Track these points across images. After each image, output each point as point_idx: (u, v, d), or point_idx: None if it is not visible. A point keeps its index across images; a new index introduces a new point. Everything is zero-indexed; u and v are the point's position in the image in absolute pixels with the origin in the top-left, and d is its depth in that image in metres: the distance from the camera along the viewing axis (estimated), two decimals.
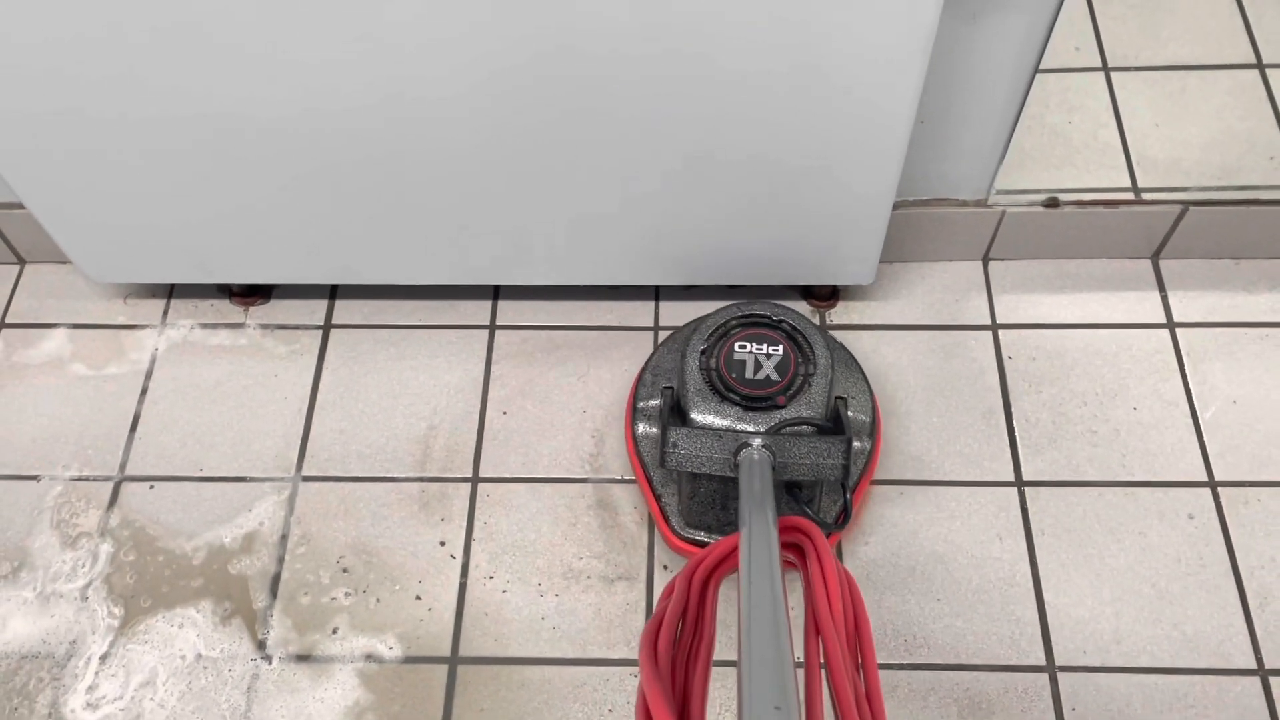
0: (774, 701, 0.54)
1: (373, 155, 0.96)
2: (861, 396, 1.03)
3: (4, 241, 1.21)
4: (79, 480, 1.09)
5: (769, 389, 0.92)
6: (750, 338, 0.95)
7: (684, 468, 0.88)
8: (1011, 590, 1.01)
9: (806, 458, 0.86)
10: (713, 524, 0.98)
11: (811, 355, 0.94)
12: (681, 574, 0.72)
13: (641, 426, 1.03)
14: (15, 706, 0.97)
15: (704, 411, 0.91)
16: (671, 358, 1.05)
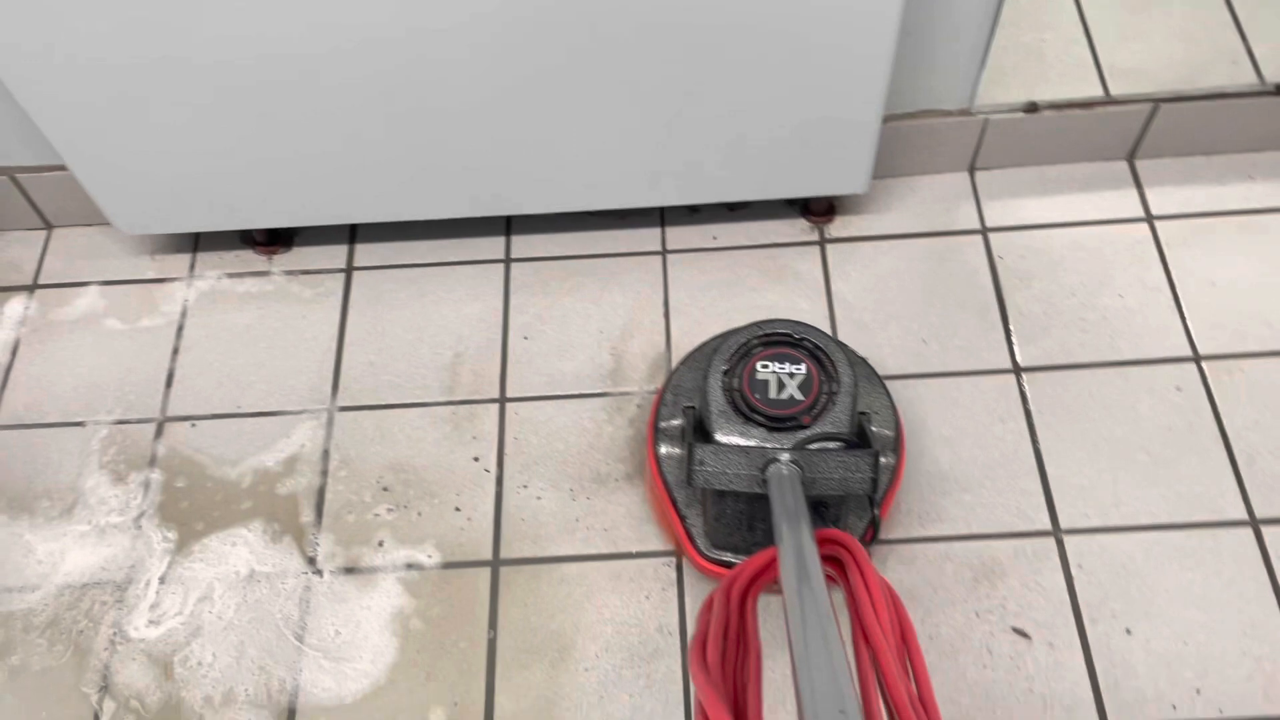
0: (838, 706, 0.54)
1: (390, 92, 1.02)
2: (885, 411, 1.02)
3: (32, 207, 1.26)
4: (122, 423, 1.14)
5: (793, 408, 0.91)
6: (772, 357, 0.94)
7: (711, 485, 0.87)
8: (1015, 466, 1.07)
9: (835, 472, 0.85)
10: (739, 545, 0.97)
11: (835, 373, 0.93)
12: (719, 589, 0.72)
13: (664, 447, 1.01)
14: (81, 630, 1.02)
15: (728, 433, 0.90)
16: (692, 377, 1.04)
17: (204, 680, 1.00)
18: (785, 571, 0.69)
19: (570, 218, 1.27)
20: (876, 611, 0.66)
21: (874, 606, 0.66)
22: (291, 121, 1.05)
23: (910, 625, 0.67)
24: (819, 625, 0.62)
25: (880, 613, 0.66)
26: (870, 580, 0.68)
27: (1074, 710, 0.95)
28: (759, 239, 1.24)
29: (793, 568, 0.69)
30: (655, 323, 1.19)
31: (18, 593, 1.05)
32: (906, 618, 0.68)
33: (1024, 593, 1.00)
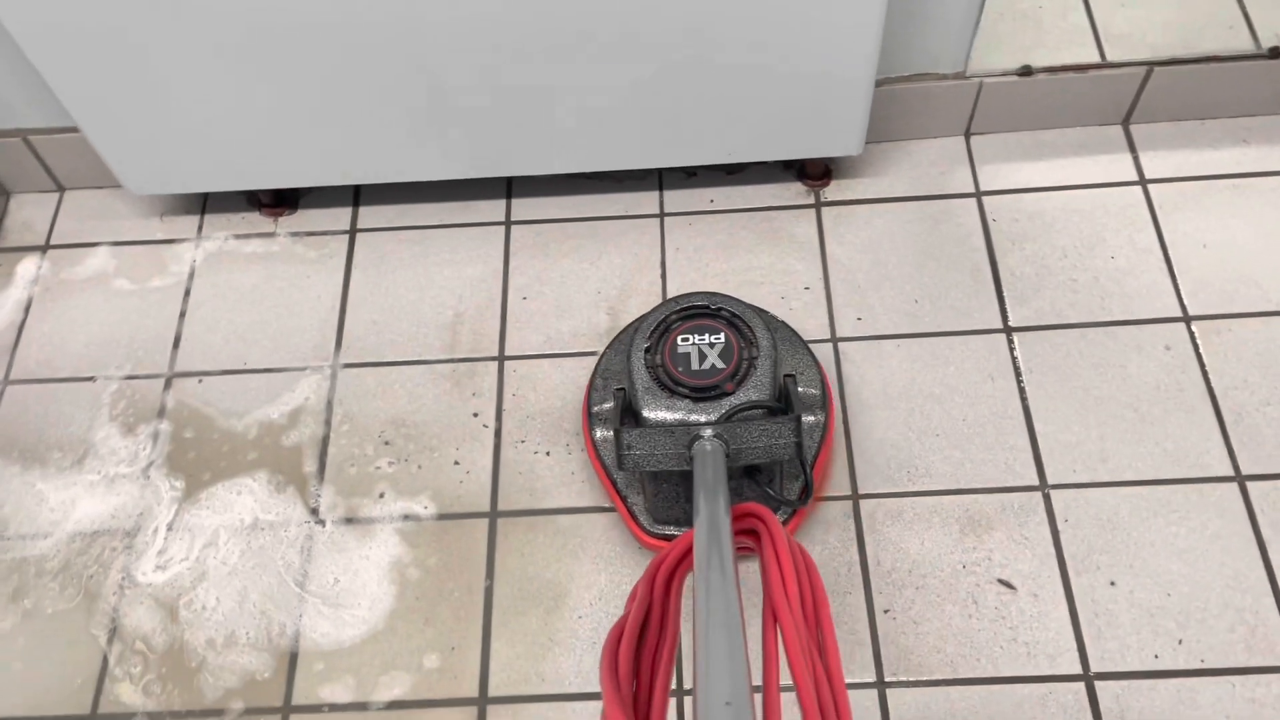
0: (725, 697, 0.53)
1: (394, 52, 1.04)
2: (809, 371, 1.04)
3: (44, 169, 1.29)
4: (132, 379, 1.17)
5: (716, 377, 0.93)
6: (692, 330, 0.96)
7: (641, 468, 0.88)
8: (1004, 423, 1.09)
9: (759, 441, 0.87)
10: (681, 517, 0.99)
11: (754, 338, 0.95)
12: (644, 577, 0.71)
13: (599, 431, 1.03)
14: (91, 575, 1.05)
15: (655, 408, 0.92)
16: (619, 359, 1.05)
17: (207, 623, 1.03)
18: (697, 552, 0.69)
19: (569, 181, 1.29)
20: (786, 587, 0.64)
21: (784, 582, 0.65)
22: (298, 81, 1.07)
23: (824, 597, 0.66)
24: (722, 607, 0.61)
25: (790, 586, 0.65)
26: (781, 552, 0.67)
27: (1056, 659, 0.96)
28: (755, 202, 1.26)
29: (705, 546, 0.69)
30: (652, 284, 1.21)
31: (30, 539, 1.08)
32: (821, 589, 0.67)
33: (1010, 546, 1.02)
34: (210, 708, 0.99)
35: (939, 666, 0.97)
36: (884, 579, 1.01)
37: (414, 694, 0.98)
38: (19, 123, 1.23)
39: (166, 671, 1.00)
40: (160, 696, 0.99)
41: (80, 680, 1.00)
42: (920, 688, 0.96)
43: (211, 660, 1.01)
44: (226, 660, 1.01)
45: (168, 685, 1.00)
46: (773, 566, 0.67)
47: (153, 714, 0.99)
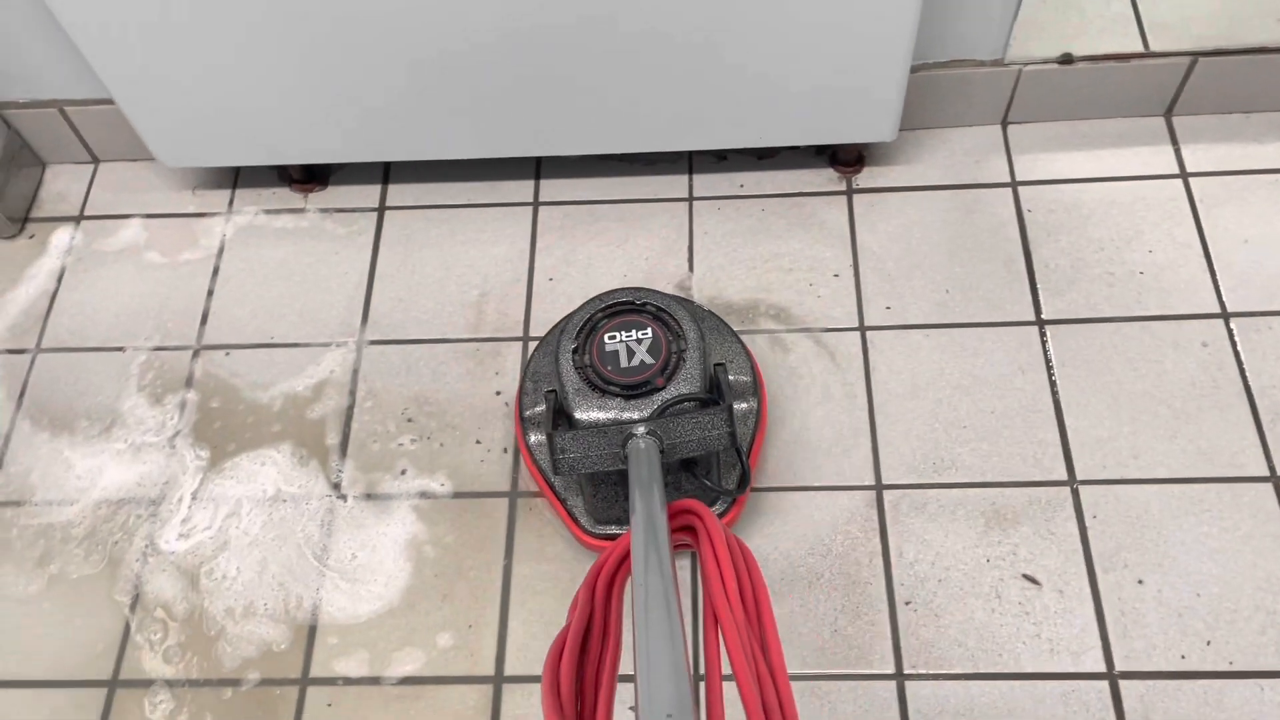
0: (667, 708, 0.52)
1: (428, 29, 1.03)
2: (739, 358, 1.03)
3: (80, 140, 1.30)
4: (160, 350, 1.18)
5: (645, 374, 0.91)
6: (618, 327, 0.95)
7: (576, 470, 0.88)
8: (1034, 416, 1.07)
9: (692, 434, 0.86)
10: (622, 516, 0.98)
11: (681, 331, 0.94)
12: (584, 585, 0.70)
13: (533, 436, 1.02)
14: (116, 541, 1.06)
15: (587, 409, 0.91)
16: (547, 362, 1.04)
17: (227, 593, 1.03)
18: (635, 553, 0.67)
19: (598, 163, 1.28)
20: (725, 584, 0.63)
21: (723, 579, 0.64)
22: (331, 57, 1.07)
23: (764, 591, 0.65)
24: (662, 614, 0.60)
25: (728, 582, 0.64)
26: (719, 547, 0.66)
27: (1080, 656, 0.95)
28: (786, 188, 1.24)
29: (642, 548, 0.67)
30: (679, 267, 1.20)
31: (57, 506, 1.09)
32: (761, 584, 0.66)
33: (1036, 540, 1.00)
34: (228, 676, 0.99)
35: (960, 660, 0.95)
36: (906, 570, 1.00)
37: (429, 670, 0.98)
38: (55, 94, 1.24)
39: (186, 639, 1.01)
40: (179, 664, 1.00)
41: (102, 646, 1.01)
42: (940, 681, 0.95)
43: (230, 629, 1.01)
44: (245, 630, 1.01)
45: (187, 653, 1.00)
46: (710, 564, 0.66)
47: (172, 681, 0.99)
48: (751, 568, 0.67)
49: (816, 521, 1.03)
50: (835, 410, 1.09)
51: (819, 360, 1.12)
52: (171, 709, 0.98)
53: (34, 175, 1.32)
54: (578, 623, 0.65)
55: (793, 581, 1.00)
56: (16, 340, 1.20)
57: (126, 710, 0.98)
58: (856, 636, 0.97)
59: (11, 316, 1.22)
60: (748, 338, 1.14)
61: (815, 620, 0.98)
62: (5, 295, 1.24)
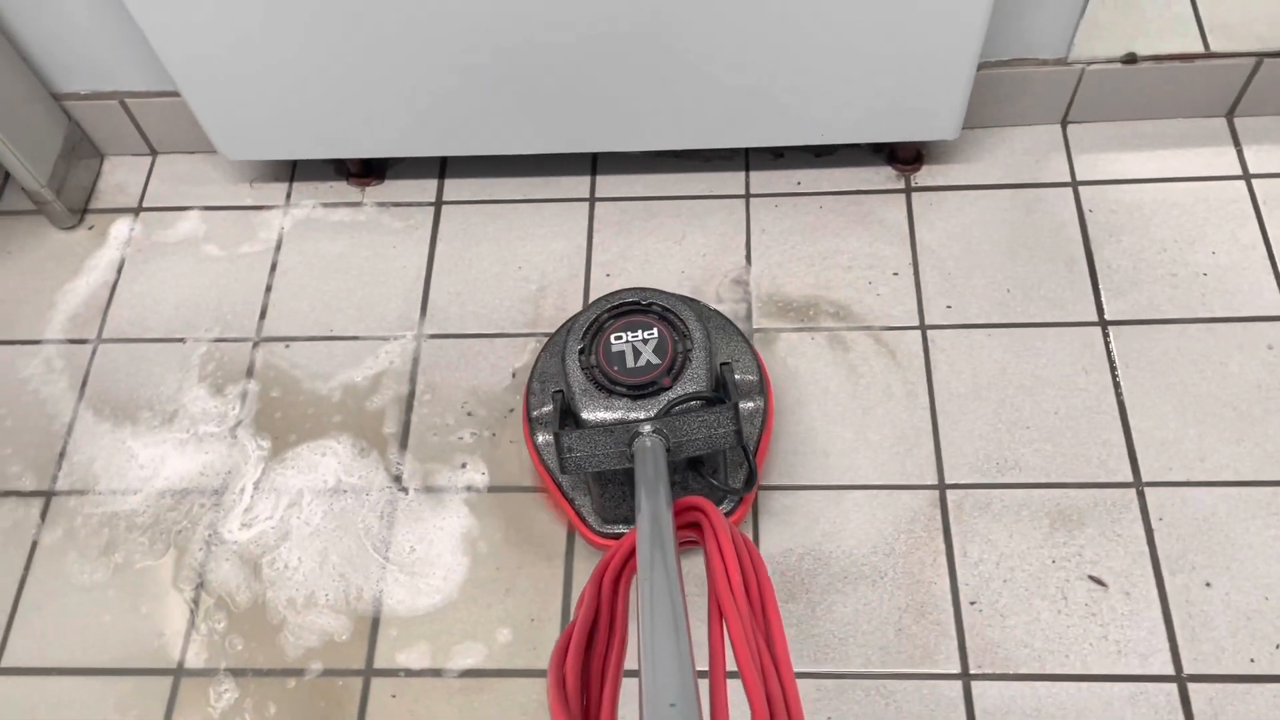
0: (670, 698, 0.53)
1: (492, 24, 1.04)
2: (745, 358, 1.03)
3: (139, 132, 1.31)
4: (220, 341, 1.19)
5: (652, 373, 0.92)
6: (624, 327, 0.95)
7: (583, 469, 0.88)
8: (1098, 417, 1.07)
9: (698, 432, 0.87)
10: (629, 515, 0.98)
11: (686, 330, 0.94)
12: (590, 580, 0.71)
13: (540, 436, 1.02)
14: (179, 530, 1.07)
15: (593, 409, 0.91)
16: (555, 362, 1.04)
17: (289, 582, 1.04)
18: (641, 549, 0.68)
19: (655, 159, 1.28)
20: (730, 579, 0.64)
21: (728, 574, 0.65)
22: (391, 50, 1.07)
23: (770, 588, 0.65)
24: (666, 607, 0.60)
25: (734, 578, 0.64)
26: (724, 543, 0.67)
27: (1149, 659, 0.94)
28: (844, 185, 1.24)
29: (648, 544, 0.68)
30: (737, 264, 1.20)
31: (121, 495, 1.10)
32: (767, 580, 0.66)
33: (1102, 542, 1.00)
34: (291, 666, 1.00)
35: (1026, 661, 0.95)
36: (971, 570, 1.00)
37: (490, 663, 0.99)
38: (117, 85, 1.25)
39: (249, 629, 1.02)
40: (243, 653, 1.00)
41: (166, 634, 1.02)
42: (1006, 681, 0.94)
43: (292, 619, 1.02)
44: (306, 620, 1.02)
45: (250, 643, 1.01)
46: (716, 559, 0.66)
47: (235, 670, 1.00)
48: (757, 563, 0.68)
49: (879, 520, 1.03)
50: (896, 409, 1.09)
51: (879, 358, 1.12)
52: (236, 698, 0.99)
53: (93, 167, 1.33)
54: (584, 618, 0.66)
55: (856, 580, 1.00)
56: (78, 330, 1.21)
57: (192, 699, 0.99)
58: (921, 636, 0.97)
59: (73, 307, 1.23)
60: (808, 334, 1.14)
61: (879, 619, 0.98)
62: (65, 286, 1.24)
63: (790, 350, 1.13)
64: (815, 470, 1.06)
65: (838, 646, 0.97)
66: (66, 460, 1.12)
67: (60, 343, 1.20)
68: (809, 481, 1.05)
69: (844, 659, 0.96)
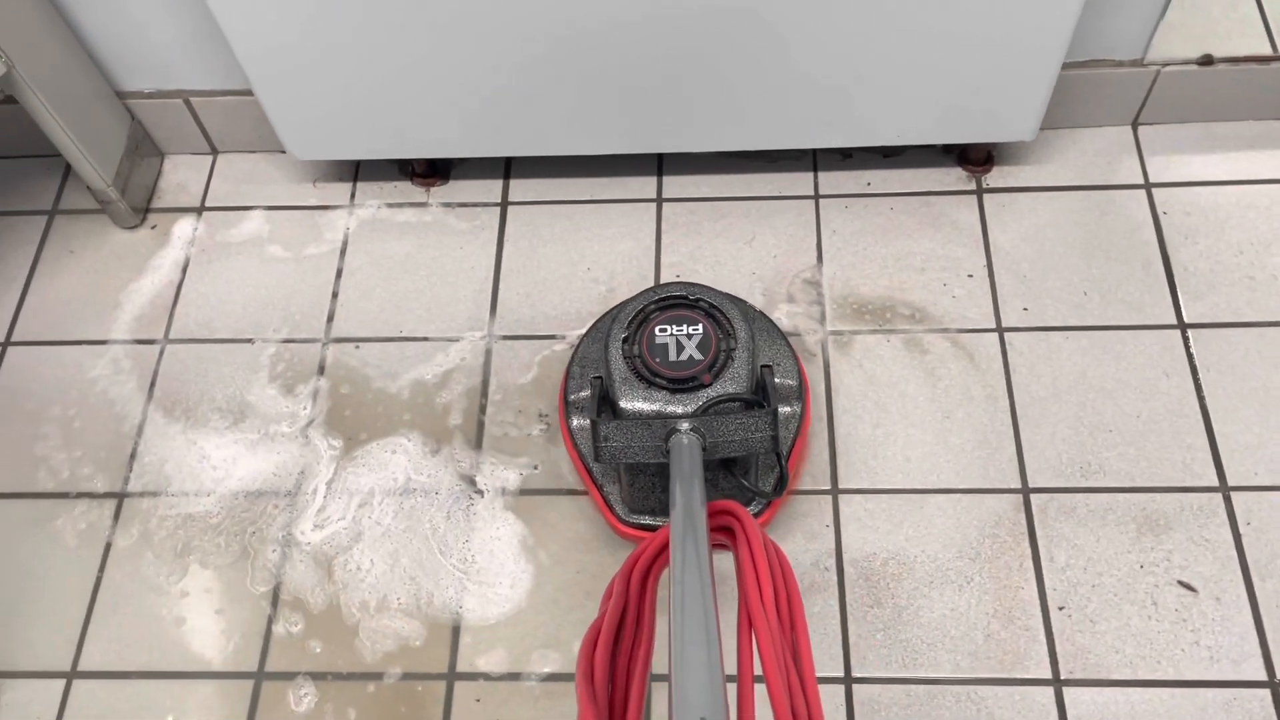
0: (700, 710, 0.53)
1: (560, 21, 1.03)
2: (786, 361, 1.03)
3: (201, 131, 1.30)
4: (289, 342, 1.18)
5: (693, 369, 0.91)
6: (670, 320, 0.95)
7: (618, 460, 0.88)
8: (1180, 421, 1.06)
9: (735, 434, 0.86)
10: (656, 507, 0.98)
11: (731, 329, 0.94)
12: (619, 574, 0.71)
13: (575, 420, 1.02)
14: (253, 531, 1.06)
15: (632, 399, 0.91)
16: (597, 348, 1.04)
17: (361, 585, 1.03)
18: (674, 550, 0.68)
19: (721, 159, 1.27)
20: (761, 591, 0.64)
21: (759, 585, 0.64)
22: (459, 49, 1.06)
23: (799, 601, 0.65)
24: (699, 616, 0.60)
25: (765, 588, 0.64)
26: (756, 552, 0.66)
27: (1241, 665, 0.93)
28: (914, 186, 1.23)
29: (680, 544, 0.68)
30: (808, 265, 1.19)
31: (194, 496, 1.09)
32: (796, 592, 0.65)
33: (1190, 547, 0.99)
34: (370, 670, 0.99)
35: (1118, 667, 0.94)
36: (1058, 575, 0.99)
37: (571, 668, 0.98)
38: (181, 84, 1.24)
39: (326, 631, 1.01)
40: (321, 657, 1.00)
41: (244, 637, 1.01)
42: (1098, 687, 0.93)
43: (366, 623, 1.01)
44: (380, 624, 1.01)
45: (328, 645, 1.00)
46: (748, 569, 0.65)
47: (314, 674, 0.99)
48: (787, 575, 0.67)
49: (963, 524, 1.02)
50: (976, 412, 1.08)
51: (957, 361, 1.11)
52: (316, 701, 0.98)
53: (154, 166, 1.32)
54: (612, 612, 0.66)
55: (941, 585, 0.99)
56: (145, 330, 1.20)
57: (273, 702, 0.98)
58: (1010, 641, 0.96)
59: (138, 306, 1.22)
60: (884, 337, 1.13)
61: (967, 624, 0.97)
62: (130, 286, 1.24)
63: (866, 353, 1.12)
64: (896, 474, 1.05)
65: (926, 652, 0.96)
66: (138, 461, 1.12)
67: (127, 343, 1.19)
68: (890, 485, 1.05)
69: (933, 664, 0.96)
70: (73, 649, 1.02)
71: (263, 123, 1.27)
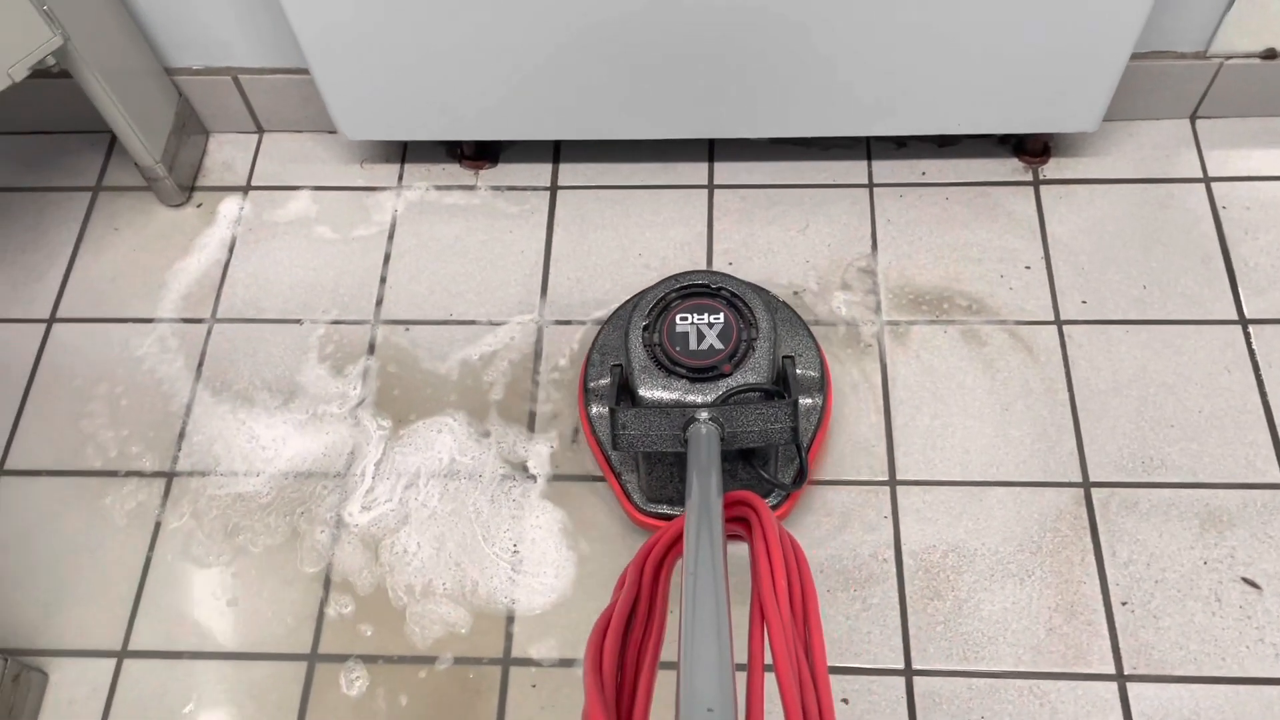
0: (708, 702, 0.52)
1: (607, 10, 1.02)
2: (809, 352, 1.02)
3: (248, 109, 1.29)
4: (338, 323, 1.17)
5: (714, 358, 0.90)
6: (691, 309, 0.94)
7: (635, 448, 0.87)
8: (1243, 417, 1.05)
9: (755, 424, 0.85)
10: (674, 496, 0.98)
11: (753, 319, 0.93)
12: (633, 563, 0.70)
13: (595, 407, 1.02)
14: (302, 512, 1.05)
15: (651, 387, 0.90)
16: (617, 336, 1.03)
17: (407, 568, 1.02)
18: (688, 542, 0.67)
19: (773, 146, 1.26)
20: (775, 583, 0.63)
21: (773, 578, 0.63)
22: (511, 30, 1.05)
23: (813, 594, 0.64)
24: (710, 607, 0.60)
25: (779, 581, 0.63)
26: (771, 544, 0.66)
27: None
28: (969, 176, 1.22)
29: (695, 536, 0.67)
30: (863, 254, 1.18)
31: (243, 477, 1.08)
32: (810, 586, 0.65)
33: (1254, 544, 0.98)
34: (422, 654, 0.98)
35: (1182, 663, 0.93)
36: (1120, 570, 0.98)
37: None
38: (230, 61, 1.23)
39: (375, 614, 1.00)
40: (372, 640, 0.99)
41: (295, 619, 1.00)
42: (1163, 684, 0.92)
43: (413, 608, 1.00)
44: (426, 609, 1.00)
45: (379, 629, 0.99)
46: (762, 561, 0.65)
47: (366, 657, 0.98)
48: (802, 567, 0.67)
49: (1024, 518, 1.01)
50: (1036, 404, 1.07)
51: (1016, 353, 1.10)
52: (367, 685, 0.97)
53: (199, 143, 1.31)
54: (624, 601, 0.65)
55: (1003, 579, 0.98)
56: (192, 310, 1.19)
57: (326, 684, 0.97)
58: (1073, 636, 0.95)
59: (185, 286, 1.21)
60: (940, 328, 1.12)
61: (1029, 618, 0.96)
62: (177, 264, 1.23)
63: (924, 344, 1.11)
64: (954, 466, 1.04)
65: (987, 645, 0.95)
66: (186, 441, 1.11)
67: (174, 321, 1.18)
68: (949, 477, 1.03)
69: (995, 658, 0.95)
70: (123, 628, 1.01)
71: (310, 102, 1.26)
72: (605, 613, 0.64)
